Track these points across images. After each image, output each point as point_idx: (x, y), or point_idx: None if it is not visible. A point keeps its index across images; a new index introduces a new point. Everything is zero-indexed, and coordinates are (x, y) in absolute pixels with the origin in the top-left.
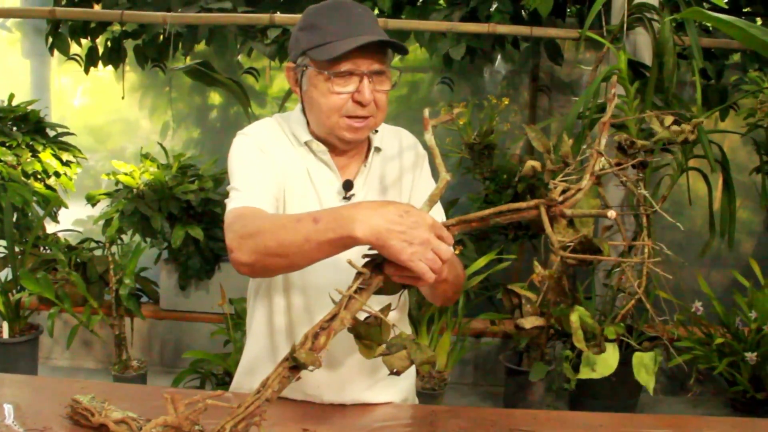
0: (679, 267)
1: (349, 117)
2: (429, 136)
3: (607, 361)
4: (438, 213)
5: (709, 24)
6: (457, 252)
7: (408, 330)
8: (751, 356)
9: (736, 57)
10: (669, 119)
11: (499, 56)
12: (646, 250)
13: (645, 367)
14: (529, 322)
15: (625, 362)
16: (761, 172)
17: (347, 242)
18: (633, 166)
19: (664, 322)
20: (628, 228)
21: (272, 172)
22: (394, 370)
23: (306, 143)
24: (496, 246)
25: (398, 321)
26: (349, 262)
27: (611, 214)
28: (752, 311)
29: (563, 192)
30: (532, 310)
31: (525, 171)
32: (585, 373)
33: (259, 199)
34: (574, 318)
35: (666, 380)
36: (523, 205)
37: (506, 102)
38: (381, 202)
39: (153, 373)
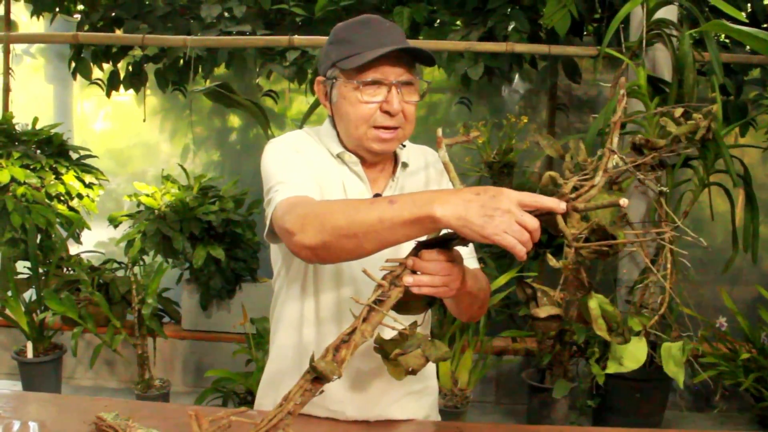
0: (702, 283)
1: (378, 128)
2: (443, 153)
3: (635, 354)
4: None
5: (731, 36)
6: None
7: None
8: None
9: (756, 73)
10: (678, 111)
11: (517, 75)
12: (669, 266)
13: (674, 358)
14: (544, 311)
15: (648, 379)
16: None
17: (425, 222)
18: (651, 167)
19: (688, 338)
20: (649, 244)
21: (311, 170)
22: (411, 369)
23: (338, 155)
24: (517, 264)
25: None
26: (365, 272)
27: (623, 201)
28: None
29: (576, 189)
30: (548, 301)
31: (544, 182)
32: (613, 368)
33: (309, 189)
34: (593, 305)
35: (691, 396)
36: None
37: (525, 120)
38: (455, 189)
39: (175, 392)
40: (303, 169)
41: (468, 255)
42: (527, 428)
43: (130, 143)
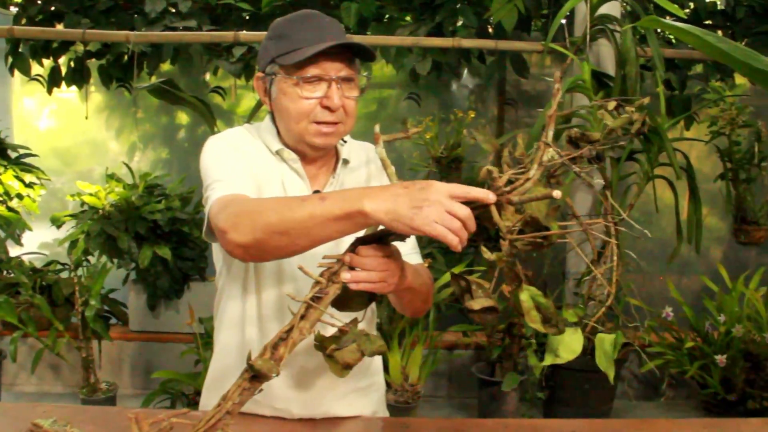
0: (650, 275)
1: (318, 123)
2: (380, 149)
3: (570, 346)
4: None
5: (667, 32)
6: (426, 265)
7: None
8: (720, 359)
9: (699, 68)
10: (612, 104)
11: (465, 71)
12: (615, 258)
13: (605, 352)
14: (478, 303)
15: (597, 370)
16: (725, 179)
17: (355, 218)
18: (588, 160)
19: (635, 328)
20: (596, 237)
21: (249, 168)
22: (346, 364)
23: (277, 152)
24: (466, 258)
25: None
26: (302, 269)
27: (556, 194)
28: (721, 315)
29: (511, 183)
30: (483, 294)
31: (481, 176)
32: (549, 359)
33: (244, 187)
34: (524, 297)
35: (639, 386)
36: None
37: (472, 115)
38: (385, 185)
39: (123, 395)
40: (240, 167)
41: (410, 250)
42: (473, 422)
43: (76, 141)
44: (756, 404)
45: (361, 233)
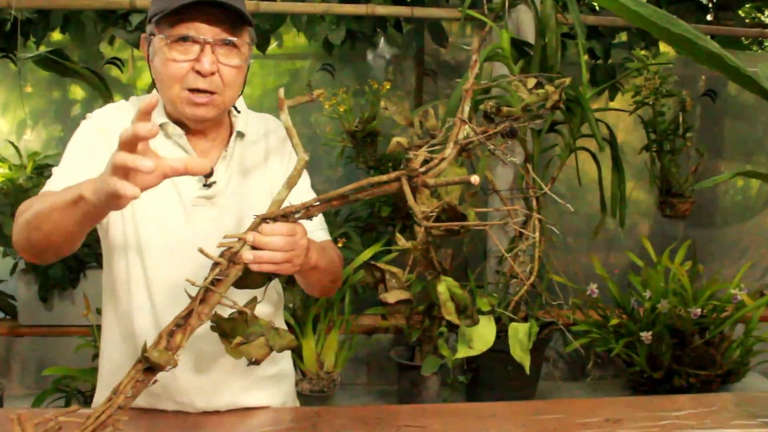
0: (576, 251)
1: (191, 90)
2: (285, 117)
3: (484, 336)
4: (303, 196)
5: None
6: (340, 245)
7: (284, 327)
8: (646, 335)
9: (624, 36)
10: (531, 81)
11: (382, 40)
12: (537, 234)
13: (520, 342)
14: (394, 295)
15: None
16: (649, 151)
17: (79, 203)
18: (501, 135)
19: (559, 306)
20: (518, 213)
21: (104, 159)
22: (253, 360)
23: (161, 126)
24: (384, 237)
25: (272, 316)
26: (201, 251)
27: (474, 179)
28: (647, 291)
29: (426, 162)
30: (397, 284)
31: (390, 148)
32: (463, 351)
33: (70, 183)
34: (441, 288)
35: (565, 366)
36: (384, 178)
37: (388, 86)
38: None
39: (12, 396)
40: (90, 161)
41: (316, 227)
42: (389, 408)
43: None
44: (682, 381)
45: (262, 210)
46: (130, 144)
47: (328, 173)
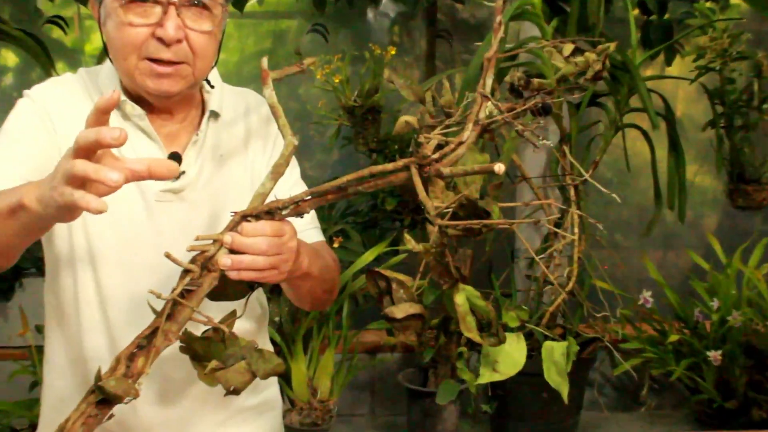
0: (625, 250)
1: (153, 60)
2: (269, 92)
3: (512, 357)
4: (292, 188)
5: None
6: (336, 245)
7: (269, 346)
8: (714, 355)
9: None
10: (568, 47)
11: None
12: (576, 230)
13: (556, 365)
14: (402, 310)
15: None
16: (716, 127)
17: (18, 213)
18: (532, 112)
19: (604, 319)
20: (553, 207)
21: (45, 147)
22: (231, 388)
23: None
24: (389, 235)
25: (255, 334)
26: (168, 256)
27: (498, 167)
28: (714, 300)
29: (440, 147)
30: (405, 295)
31: (397, 129)
32: (486, 376)
33: (7, 180)
34: (459, 299)
35: (613, 392)
36: (389, 167)
37: (393, 52)
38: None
39: None
40: (26, 150)
41: (308, 225)
42: None
43: None
44: (762, 413)
45: (242, 206)
46: (88, 150)
47: (321, 158)
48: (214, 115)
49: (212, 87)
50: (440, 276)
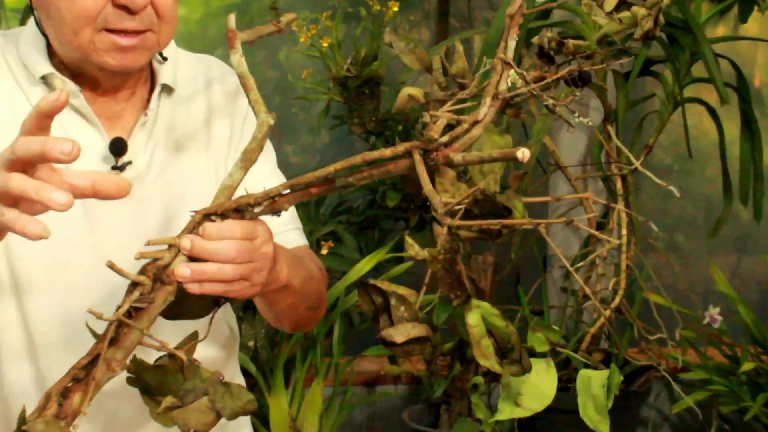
0: (686, 256)
1: (112, 31)
2: (237, 58)
3: (539, 389)
4: (266, 179)
5: None
6: (325, 251)
7: (240, 378)
8: None
9: None
10: (612, 1)
11: None
12: (624, 232)
13: (594, 399)
14: (402, 332)
15: None
16: None
17: None
18: (567, 83)
19: (660, 342)
20: (594, 201)
21: None
22: (191, 431)
23: (44, 78)
24: (391, 239)
25: (222, 363)
26: (111, 267)
27: (523, 153)
28: None
29: (451, 128)
30: (407, 313)
31: (398, 104)
32: (506, 412)
33: None
34: (473, 319)
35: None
36: (387, 152)
37: (395, 8)
38: None
39: None
40: None
41: (286, 226)
42: None
43: None
44: None
45: (204, 202)
46: (27, 163)
47: (306, 141)
48: (167, 89)
49: (164, 59)
50: (450, 289)
